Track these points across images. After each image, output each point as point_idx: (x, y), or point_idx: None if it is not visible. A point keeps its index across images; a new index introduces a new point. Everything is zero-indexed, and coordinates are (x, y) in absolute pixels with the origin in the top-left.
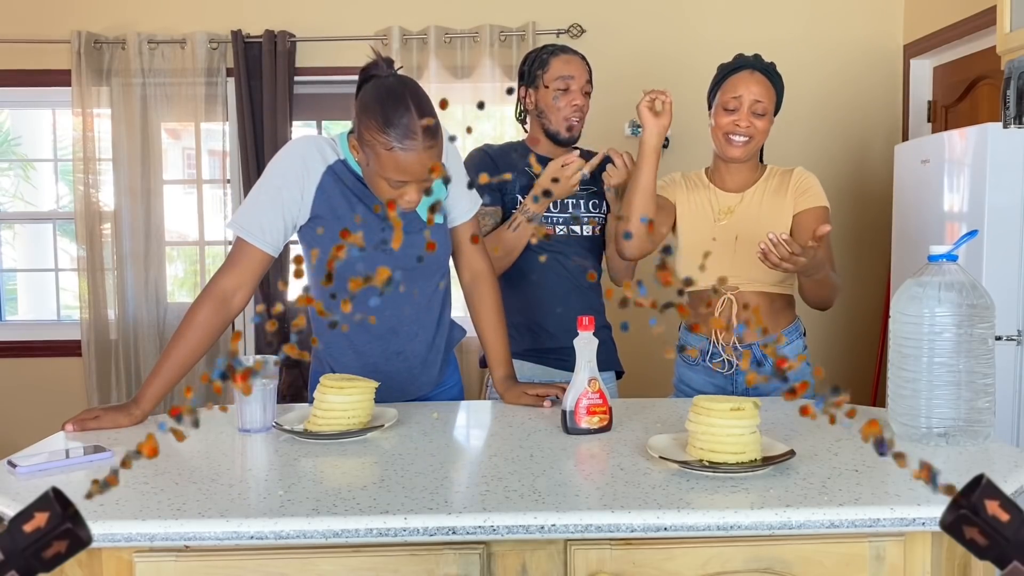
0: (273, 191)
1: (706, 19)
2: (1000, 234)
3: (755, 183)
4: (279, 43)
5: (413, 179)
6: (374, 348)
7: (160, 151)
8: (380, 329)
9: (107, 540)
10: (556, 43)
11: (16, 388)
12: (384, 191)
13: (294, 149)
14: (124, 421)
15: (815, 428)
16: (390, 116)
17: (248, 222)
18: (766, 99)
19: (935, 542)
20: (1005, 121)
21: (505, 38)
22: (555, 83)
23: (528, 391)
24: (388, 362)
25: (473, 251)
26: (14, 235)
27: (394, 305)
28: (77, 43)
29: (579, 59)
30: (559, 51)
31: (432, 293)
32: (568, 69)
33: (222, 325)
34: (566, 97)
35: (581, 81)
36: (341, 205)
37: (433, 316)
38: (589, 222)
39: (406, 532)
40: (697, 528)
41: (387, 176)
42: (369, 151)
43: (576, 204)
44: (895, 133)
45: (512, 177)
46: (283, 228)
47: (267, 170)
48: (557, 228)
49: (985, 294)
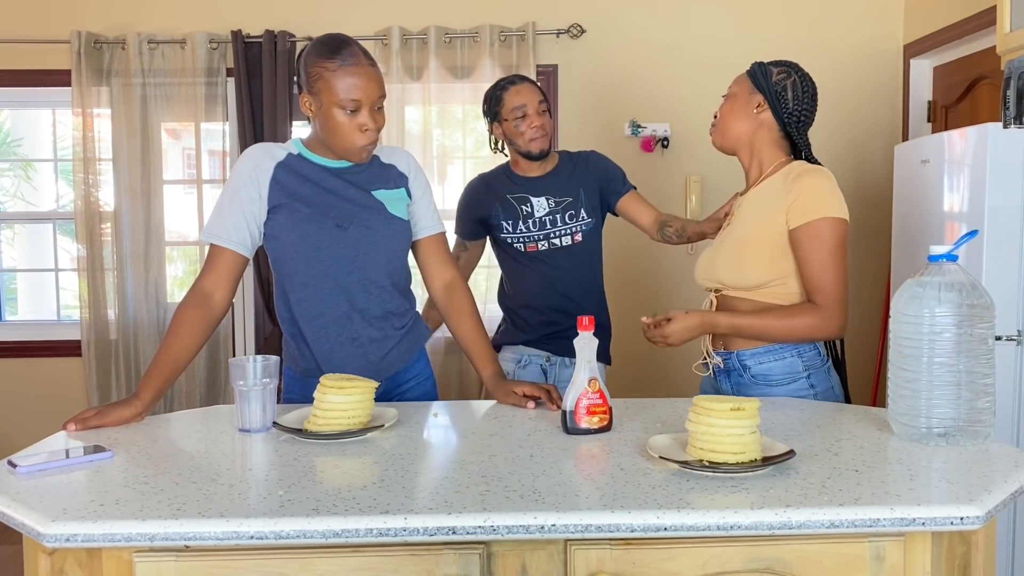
0: (232, 193)
1: (706, 19)
2: (1000, 234)
3: (761, 183)
4: (279, 43)
5: (363, 97)
6: (329, 334)
7: (160, 151)
8: (334, 315)
9: (107, 540)
10: (505, 76)
11: (16, 388)
12: (342, 126)
13: (246, 156)
14: (126, 413)
15: (815, 428)
16: (333, 46)
17: (215, 228)
18: (731, 88)
19: (935, 542)
20: (1005, 121)
21: (505, 38)
22: (512, 113)
23: (516, 389)
24: (343, 347)
25: (441, 261)
26: (14, 235)
27: (345, 290)
28: (77, 43)
29: (527, 85)
30: (507, 84)
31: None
32: (519, 99)
33: (207, 322)
34: (525, 122)
35: (534, 104)
36: (297, 185)
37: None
38: (569, 234)
39: (406, 532)
40: (697, 528)
41: (339, 100)
42: (319, 86)
43: (552, 220)
44: (895, 133)
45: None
46: (246, 226)
47: (227, 181)
48: (539, 244)
49: (985, 294)
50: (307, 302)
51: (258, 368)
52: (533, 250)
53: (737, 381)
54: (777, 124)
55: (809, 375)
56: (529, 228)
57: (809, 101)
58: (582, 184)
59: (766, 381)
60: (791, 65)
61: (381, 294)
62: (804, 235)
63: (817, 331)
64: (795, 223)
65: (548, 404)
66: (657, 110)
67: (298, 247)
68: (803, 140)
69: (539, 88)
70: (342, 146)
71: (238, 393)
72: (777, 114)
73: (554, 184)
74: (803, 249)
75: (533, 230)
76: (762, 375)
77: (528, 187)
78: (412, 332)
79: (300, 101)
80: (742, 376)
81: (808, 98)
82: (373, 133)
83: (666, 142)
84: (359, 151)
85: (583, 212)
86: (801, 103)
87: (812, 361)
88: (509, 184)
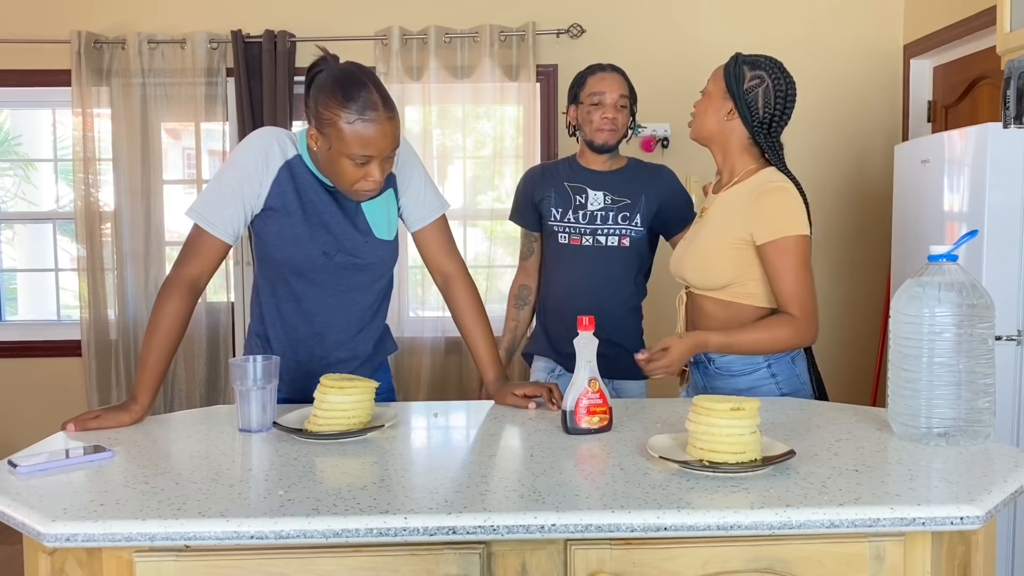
0: (235, 183)
1: (706, 19)
2: (1000, 234)
3: (731, 188)
4: (279, 43)
5: (377, 152)
6: (299, 349)
7: (160, 151)
8: (307, 332)
9: (107, 540)
10: (601, 62)
11: (16, 388)
12: (347, 173)
13: (256, 141)
14: (125, 419)
15: (815, 428)
16: (350, 91)
17: (210, 213)
18: (709, 84)
19: (935, 542)
20: (1005, 121)
21: (505, 38)
22: (589, 98)
23: (515, 391)
24: (311, 363)
25: (440, 253)
26: (14, 235)
27: (325, 311)
28: (77, 43)
29: (615, 75)
30: (596, 70)
31: (366, 307)
32: (601, 86)
33: (191, 311)
34: (599, 111)
35: (614, 95)
36: (292, 201)
37: (360, 326)
38: (617, 235)
39: (406, 532)
40: (697, 528)
41: (351, 153)
42: (330, 131)
43: (604, 217)
44: (895, 133)
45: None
46: (243, 219)
47: (229, 160)
48: (583, 239)
49: (985, 294)
50: (283, 315)
51: (258, 368)
52: (576, 244)
53: (704, 372)
54: (746, 131)
55: (770, 365)
56: (579, 220)
57: (782, 106)
58: (645, 191)
59: (728, 372)
60: (767, 67)
61: (362, 314)
62: (773, 252)
63: (797, 340)
64: (762, 240)
65: (548, 405)
66: (657, 110)
67: (283, 265)
68: (772, 145)
69: (627, 82)
70: (342, 188)
71: (238, 393)
72: (746, 122)
73: (616, 182)
74: (773, 265)
75: (582, 222)
76: (725, 366)
77: (588, 179)
78: (378, 350)
79: (307, 132)
80: (707, 368)
81: (781, 102)
82: (377, 183)
83: (666, 142)
84: (359, 195)
85: (638, 218)
86: (772, 109)
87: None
88: (569, 172)
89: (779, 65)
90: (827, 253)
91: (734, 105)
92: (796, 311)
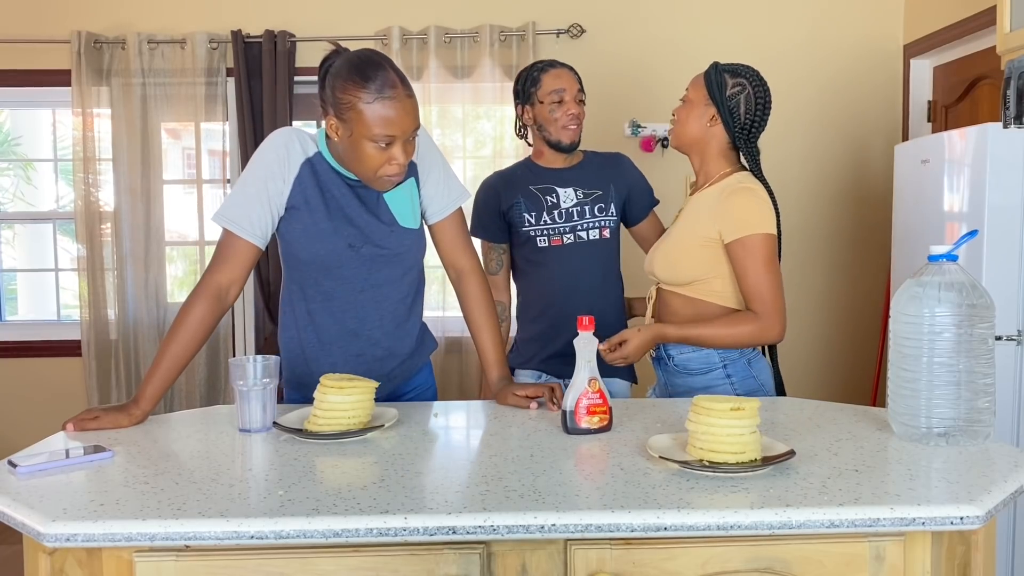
0: (259, 183)
1: (706, 19)
2: (1000, 234)
3: (705, 189)
4: (279, 43)
5: (399, 132)
6: (333, 350)
7: (160, 151)
8: (339, 331)
9: (107, 540)
10: (543, 59)
11: (16, 388)
12: (370, 158)
13: (277, 140)
14: (124, 421)
15: (815, 428)
16: (367, 72)
17: (237, 215)
18: (689, 91)
19: (935, 542)
20: (1005, 121)
21: (505, 38)
22: (549, 97)
23: (516, 391)
24: (347, 364)
25: (455, 248)
26: (14, 235)
27: (356, 307)
28: (77, 43)
29: (568, 71)
30: (548, 67)
31: (399, 300)
32: (559, 83)
33: (217, 321)
34: (561, 108)
35: (573, 91)
36: (315, 198)
37: (396, 322)
38: (597, 228)
39: (406, 532)
40: (697, 528)
41: (373, 135)
42: (351, 115)
43: (581, 212)
44: (895, 133)
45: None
46: (270, 220)
47: (252, 161)
48: (564, 238)
49: (985, 294)
50: (314, 317)
51: (258, 368)
52: (558, 244)
53: (665, 369)
54: (727, 136)
55: (725, 366)
56: (555, 219)
57: (761, 112)
58: (612, 180)
59: (686, 370)
60: (747, 75)
61: (395, 308)
62: (738, 250)
63: (758, 337)
64: (729, 238)
65: (549, 405)
66: (657, 110)
67: (310, 264)
68: (751, 150)
69: (578, 77)
70: (366, 176)
71: (238, 393)
72: (728, 128)
73: (582, 176)
74: (739, 263)
75: (559, 221)
76: (683, 364)
77: (553, 178)
78: (420, 346)
79: (326, 122)
80: (667, 365)
81: (760, 109)
82: (402, 166)
83: (666, 142)
84: (384, 182)
85: (612, 208)
86: (753, 115)
87: (728, 353)
88: (531, 175)
89: (757, 74)
90: (827, 253)
91: (717, 111)
92: (758, 307)
